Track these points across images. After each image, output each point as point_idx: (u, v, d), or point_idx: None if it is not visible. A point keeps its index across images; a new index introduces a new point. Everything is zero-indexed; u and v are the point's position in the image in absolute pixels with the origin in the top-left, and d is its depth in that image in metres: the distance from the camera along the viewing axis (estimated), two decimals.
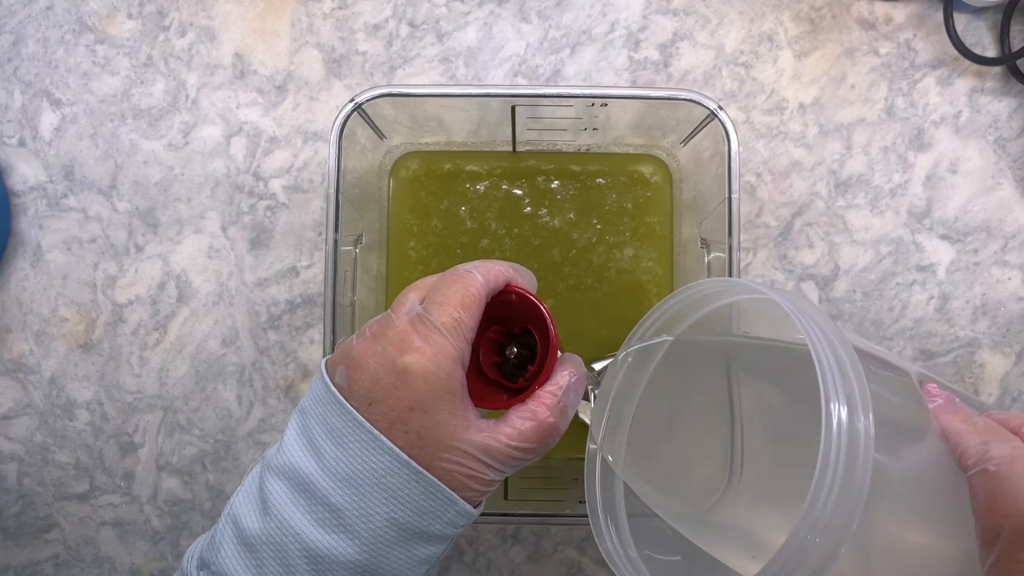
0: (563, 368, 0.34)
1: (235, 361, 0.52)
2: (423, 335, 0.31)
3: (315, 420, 0.32)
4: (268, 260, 0.52)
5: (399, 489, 0.30)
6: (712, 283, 0.35)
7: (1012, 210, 0.52)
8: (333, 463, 0.30)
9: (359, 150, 0.46)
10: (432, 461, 0.31)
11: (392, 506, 0.30)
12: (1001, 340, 0.52)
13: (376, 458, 0.30)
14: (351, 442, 0.30)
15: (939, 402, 0.33)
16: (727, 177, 0.42)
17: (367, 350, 0.32)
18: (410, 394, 0.30)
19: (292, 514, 0.30)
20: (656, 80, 0.52)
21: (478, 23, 0.53)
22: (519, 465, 0.33)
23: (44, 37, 0.53)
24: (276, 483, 0.31)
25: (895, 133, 0.52)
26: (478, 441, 0.31)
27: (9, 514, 0.53)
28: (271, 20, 0.53)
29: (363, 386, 0.31)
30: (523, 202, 0.50)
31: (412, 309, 0.32)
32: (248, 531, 0.31)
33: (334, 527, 0.30)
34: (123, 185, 0.52)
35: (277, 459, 0.32)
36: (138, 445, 0.52)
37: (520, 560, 0.52)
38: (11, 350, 0.52)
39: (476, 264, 0.34)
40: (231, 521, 0.32)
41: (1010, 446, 0.29)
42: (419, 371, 0.30)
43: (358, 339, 0.32)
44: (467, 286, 0.32)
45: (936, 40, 0.52)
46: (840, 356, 0.27)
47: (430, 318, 0.31)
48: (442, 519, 0.31)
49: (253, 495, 0.32)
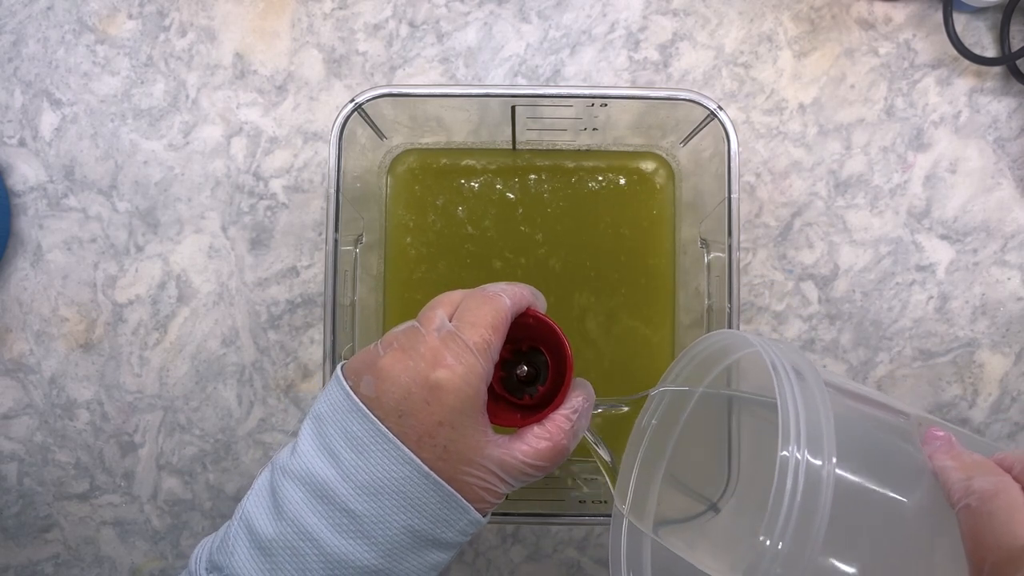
0: (576, 393, 0.35)
1: (235, 361, 0.52)
2: (455, 353, 0.32)
3: (333, 427, 0.32)
4: (268, 260, 0.52)
5: (417, 498, 0.31)
6: (713, 337, 0.37)
7: (1012, 210, 0.52)
8: (353, 470, 0.31)
9: (359, 150, 0.46)
10: (454, 474, 0.32)
11: (409, 514, 0.31)
12: (1000, 340, 0.52)
13: (397, 468, 0.31)
14: (373, 451, 0.31)
15: (937, 444, 0.33)
16: (727, 177, 0.42)
17: (398, 363, 0.32)
18: (440, 409, 0.31)
19: (309, 519, 0.31)
20: (656, 80, 0.52)
21: (478, 23, 0.53)
22: (528, 481, 0.35)
23: (44, 37, 0.53)
24: (291, 487, 0.32)
25: (895, 133, 0.52)
26: (496, 456, 0.33)
27: (9, 514, 0.53)
28: (271, 20, 0.53)
29: (393, 398, 0.32)
30: (522, 201, 0.50)
31: (443, 326, 0.33)
32: (263, 535, 0.31)
33: (352, 533, 0.31)
34: (123, 185, 0.52)
35: (292, 464, 0.32)
36: (138, 445, 0.52)
37: (520, 560, 0.52)
38: (11, 350, 0.52)
39: (504, 287, 0.35)
40: (244, 525, 0.32)
41: (992, 480, 0.29)
42: (451, 388, 0.31)
43: (385, 350, 0.33)
44: (497, 309, 0.34)
45: (936, 40, 0.52)
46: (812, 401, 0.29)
47: (462, 337, 0.32)
48: (455, 527, 0.32)
49: (265, 499, 0.32)
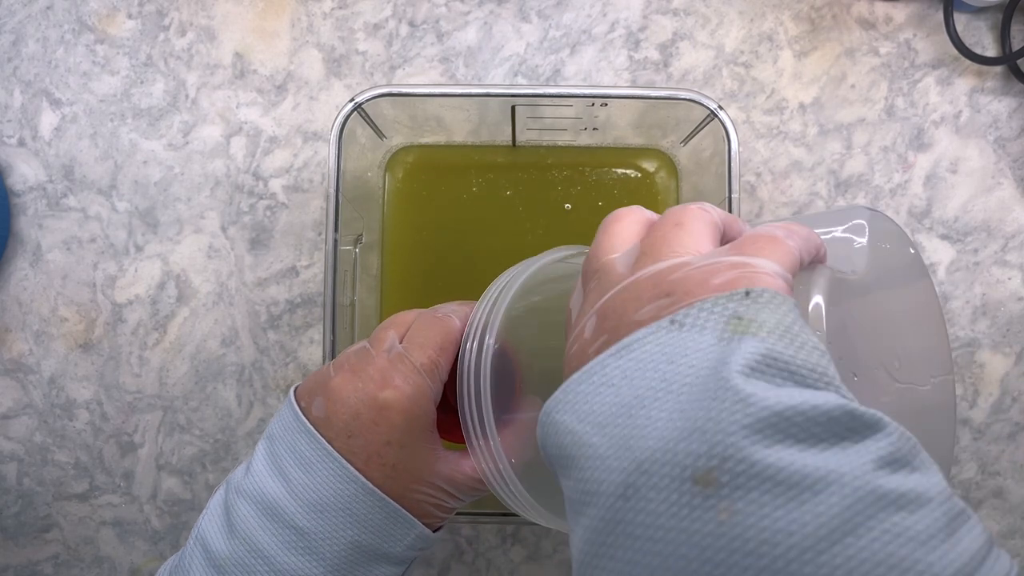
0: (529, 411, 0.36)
1: (235, 361, 0.52)
2: (403, 374, 0.33)
3: (283, 446, 0.33)
4: (268, 260, 0.52)
5: (363, 514, 0.32)
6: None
7: (1012, 210, 0.52)
8: (300, 489, 0.32)
9: (359, 150, 0.46)
10: (403, 492, 0.33)
11: (356, 530, 0.32)
12: (1001, 340, 0.52)
13: (343, 486, 0.32)
14: (319, 470, 0.32)
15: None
16: (727, 177, 0.42)
17: (347, 384, 0.33)
18: (388, 430, 0.32)
19: (260, 536, 0.32)
20: (656, 80, 0.52)
21: (478, 23, 0.53)
22: (479, 496, 0.35)
23: (44, 37, 0.53)
24: (244, 506, 0.32)
25: (895, 133, 0.52)
26: (445, 473, 0.34)
27: (9, 514, 0.53)
28: (271, 20, 0.53)
29: (343, 419, 0.33)
30: (522, 200, 0.50)
31: (392, 347, 0.34)
32: (216, 553, 0.32)
33: (300, 549, 0.32)
34: (123, 185, 0.52)
35: (246, 483, 0.33)
36: (138, 445, 0.52)
37: (520, 560, 0.52)
38: (11, 350, 0.52)
39: (454, 308, 0.36)
40: (199, 543, 0.33)
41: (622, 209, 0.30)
42: (398, 408, 0.32)
43: (336, 371, 0.34)
44: (447, 331, 0.34)
45: (936, 40, 0.52)
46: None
47: (410, 358, 0.33)
48: (402, 542, 0.33)
49: (219, 517, 0.33)
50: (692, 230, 0.27)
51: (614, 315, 0.25)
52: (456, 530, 0.52)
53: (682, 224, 0.27)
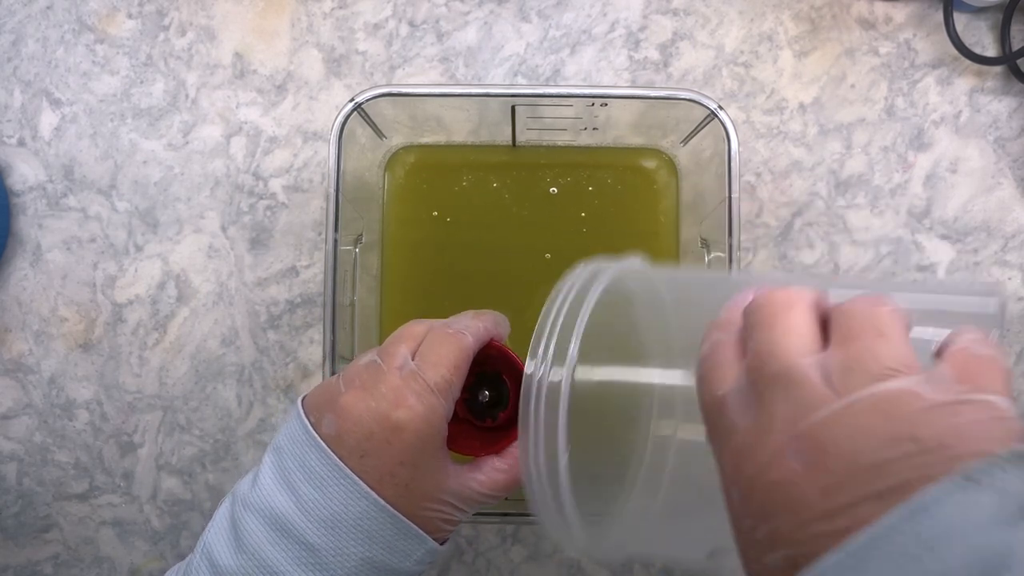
0: None
1: (235, 361, 0.52)
2: (417, 393, 0.32)
3: (292, 461, 0.33)
4: (268, 260, 0.52)
5: (375, 532, 0.32)
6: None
7: (1012, 210, 0.52)
8: (311, 505, 0.32)
9: (359, 150, 0.46)
10: (415, 510, 0.33)
11: (367, 546, 0.32)
12: (1001, 340, 0.52)
13: (356, 503, 0.32)
14: (332, 488, 0.32)
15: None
16: (727, 177, 0.42)
17: (359, 402, 0.32)
18: (402, 449, 0.32)
19: (269, 552, 0.31)
20: (656, 80, 0.52)
21: (478, 23, 0.53)
22: (485, 506, 0.36)
23: (44, 37, 0.53)
24: (251, 520, 0.32)
25: (895, 133, 0.52)
26: (455, 489, 0.34)
27: (9, 514, 0.53)
28: (271, 20, 0.53)
29: (355, 438, 0.32)
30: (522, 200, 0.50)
31: (405, 365, 0.33)
32: (223, 568, 0.32)
33: (310, 565, 0.31)
34: (123, 185, 0.52)
35: (253, 496, 0.33)
36: (138, 445, 0.52)
37: (520, 560, 0.52)
38: (11, 350, 0.52)
39: (467, 323, 0.35)
40: (205, 557, 0.33)
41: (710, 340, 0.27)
42: (412, 428, 0.32)
43: (346, 387, 0.33)
44: (460, 348, 0.34)
45: (936, 40, 0.52)
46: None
47: (424, 377, 0.33)
48: (412, 557, 0.33)
49: (226, 531, 0.33)
50: (895, 339, 0.23)
51: (836, 451, 0.22)
52: (456, 530, 0.52)
53: (884, 335, 0.23)
